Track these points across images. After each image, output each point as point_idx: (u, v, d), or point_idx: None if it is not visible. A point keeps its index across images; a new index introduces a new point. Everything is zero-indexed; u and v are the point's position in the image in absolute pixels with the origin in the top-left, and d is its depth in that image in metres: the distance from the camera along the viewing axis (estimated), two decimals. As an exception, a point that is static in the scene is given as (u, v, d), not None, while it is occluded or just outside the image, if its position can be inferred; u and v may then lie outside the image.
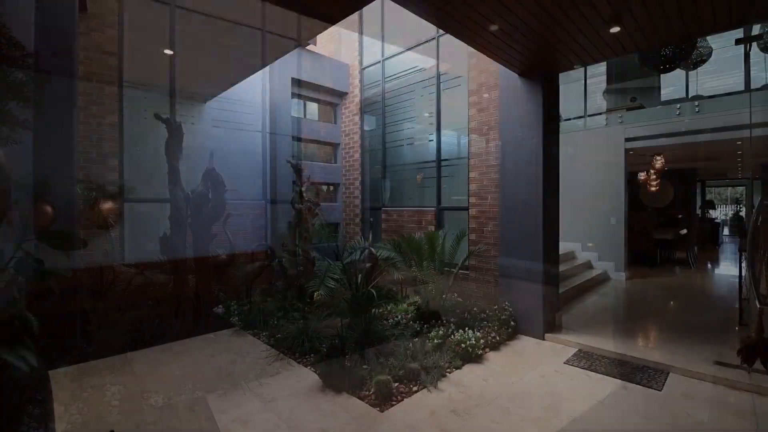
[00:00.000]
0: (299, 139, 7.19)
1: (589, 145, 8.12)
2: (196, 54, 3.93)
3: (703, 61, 7.40)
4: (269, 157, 6.61)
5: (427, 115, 6.22)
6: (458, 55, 5.70)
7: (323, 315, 4.71)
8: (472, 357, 3.90)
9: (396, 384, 3.35)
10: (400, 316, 4.75)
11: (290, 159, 5.72)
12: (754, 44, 6.72)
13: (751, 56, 7.24)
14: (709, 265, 9.86)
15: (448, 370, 3.70)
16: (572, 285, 6.47)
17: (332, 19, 3.40)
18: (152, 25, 3.34)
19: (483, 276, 5.37)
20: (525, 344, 4.43)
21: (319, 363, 3.52)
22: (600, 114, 8.63)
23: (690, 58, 5.71)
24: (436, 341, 3.99)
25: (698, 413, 2.96)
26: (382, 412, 3.00)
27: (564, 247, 8.03)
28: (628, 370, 3.71)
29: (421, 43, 6.26)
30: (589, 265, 7.87)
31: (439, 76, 6.01)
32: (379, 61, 6.97)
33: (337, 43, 7.79)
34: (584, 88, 9.41)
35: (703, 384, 3.44)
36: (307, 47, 6.94)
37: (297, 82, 6.84)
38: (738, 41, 4.77)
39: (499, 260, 5.04)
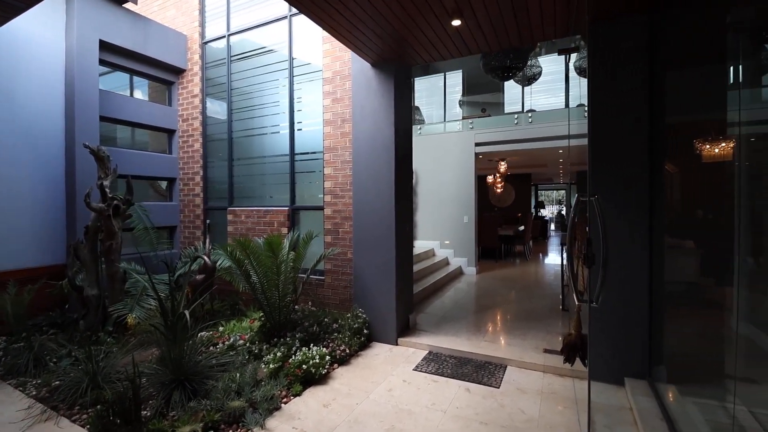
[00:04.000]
0: (116, 121, 5.68)
1: (447, 148, 8.52)
2: None
3: (536, 79, 8.48)
4: (65, 140, 5.01)
5: (280, 102, 5.51)
6: (314, 37, 5.16)
7: (127, 349, 3.60)
8: (316, 378, 3.39)
9: (209, 432, 2.61)
10: (234, 338, 3.94)
11: (88, 143, 4.34)
12: (572, 68, 7.90)
13: (571, 79, 8.53)
14: (541, 256, 11.48)
15: (285, 399, 3.10)
16: (430, 282, 6.57)
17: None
18: None
19: (339, 281, 4.94)
20: (377, 353, 4.12)
21: (98, 419, 2.53)
22: (456, 120, 9.19)
23: (524, 70, 6.41)
24: (272, 366, 3.34)
25: (530, 408, 3.00)
26: (179, 479, 2.24)
27: (425, 245, 8.27)
28: (472, 369, 3.68)
29: (273, 21, 5.52)
30: (446, 262, 8.24)
31: (292, 59, 5.37)
32: (225, 36, 5.97)
33: (173, 9, 6.46)
34: (444, 95, 10.05)
35: (534, 374, 3.59)
36: (125, 4, 5.49)
37: (110, 48, 5.36)
38: (560, 51, 5.36)
39: (354, 263, 4.68)
